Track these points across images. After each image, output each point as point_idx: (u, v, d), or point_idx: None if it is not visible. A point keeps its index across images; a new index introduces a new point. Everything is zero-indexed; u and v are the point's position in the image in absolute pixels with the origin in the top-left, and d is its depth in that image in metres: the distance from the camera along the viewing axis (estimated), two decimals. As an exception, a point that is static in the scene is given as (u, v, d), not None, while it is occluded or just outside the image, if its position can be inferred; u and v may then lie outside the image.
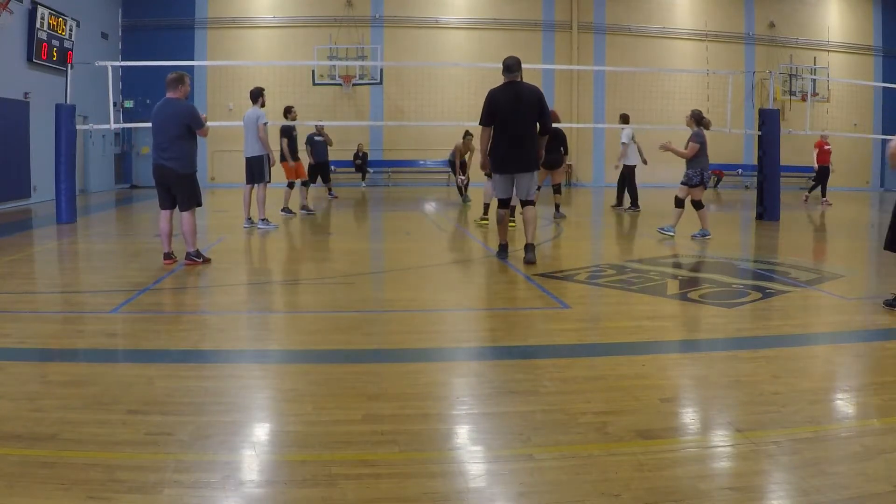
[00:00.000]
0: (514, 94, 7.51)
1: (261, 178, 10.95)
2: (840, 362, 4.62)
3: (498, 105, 7.50)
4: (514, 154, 7.57)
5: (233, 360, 4.49)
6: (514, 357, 4.64)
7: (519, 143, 7.52)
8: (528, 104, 7.49)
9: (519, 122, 7.48)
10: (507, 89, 7.57)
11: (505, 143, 7.55)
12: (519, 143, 7.52)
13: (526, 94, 7.53)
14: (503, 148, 7.57)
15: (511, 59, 7.63)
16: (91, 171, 19.23)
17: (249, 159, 10.92)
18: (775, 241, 10.62)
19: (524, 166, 7.62)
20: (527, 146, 7.55)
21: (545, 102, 7.65)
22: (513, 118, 7.47)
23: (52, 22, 16.44)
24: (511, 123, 7.48)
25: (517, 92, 7.52)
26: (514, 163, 7.63)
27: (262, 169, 10.88)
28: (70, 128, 11.69)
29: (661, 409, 3.61)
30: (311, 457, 3.01)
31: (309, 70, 21.33)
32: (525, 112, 7.48)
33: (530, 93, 7.57)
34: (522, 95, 7.50)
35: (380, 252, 9.81)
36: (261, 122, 10.69)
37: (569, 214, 13.29)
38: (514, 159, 7.60)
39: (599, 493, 2.69)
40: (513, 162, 7.63)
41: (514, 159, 7.60)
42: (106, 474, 2.79)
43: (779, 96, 22.70)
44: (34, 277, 7.70)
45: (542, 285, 6.69)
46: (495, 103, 7.51)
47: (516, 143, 7.52)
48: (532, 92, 7.59)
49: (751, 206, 13.81)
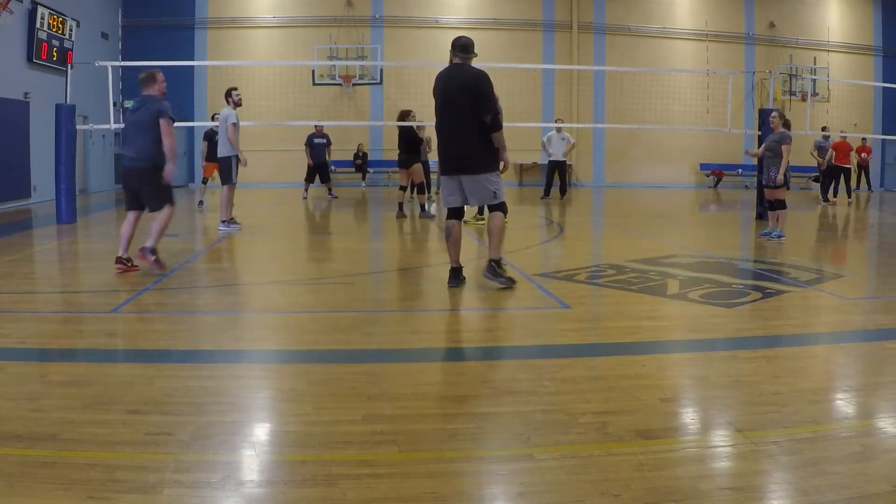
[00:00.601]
0: (449, 79, 6.24)
1: (228, 179, 10.59)
2: (840, 362, 4.62)
3: (435, 91, 6.37)
4: (451, 151, 6.31)
5: (233, 360, 4.49)
6: (514, 357, 4.65)
7: (453, 139, 6.27)
8: (463, 89, 6.12)
9: (451, 112, 6.20)
10: (444, 73, 6.35)
11: (440, 139, 6.35)
12: (452, 138, 6.27)
13: (462, 78, 6.18)
14: (440, 144, 6.38)
15: (465, 37, 6.39)
16: (91, 171, 19.22)
17: (220, 159, 10.64)
18: (775, 241, 10.60)
19: (462, 166, 6.26)
20: (462, 142, 6.21)
21: (486, 90, 6.10)
22: (447, 108, 6.22)
23: (52, 22, 16.43)
24: (444, 114, 6.26)
25: (453, 77, 6.22)
26: (451, 162, 6.34)
27: (230, 170, 10.52)
28: (70, 128, 11.69)
29: (661, 409, 3.61)
30: (311, 457, 3.01)
31: (309, 70, 21.33)
32: (457, 100, 6.14)
33: (468, 77, 6.16)
34: (458, 81, 6.17)
35: (380, 252, 9.81)
36: (229, 122, 10.37)
37: (569, 214, 13.29)
38: (450, 158, 6.33)
39: (599, 493, 2.69)
40: (450, 161, 6.34)
41: (451, 158, 6.32)
42: (106, 474, 2.79)
43: (779, 96, 22.68)
44: (34, 277, 7.71)
45: (542, 285, 6.68)
46: (434, 88, 6.38)
47: (450, 139, 6.28)
48: (471, 76, 6.16)
49: (751, 206, 13.82)
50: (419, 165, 12.65)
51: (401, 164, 12.72)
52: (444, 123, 6.29)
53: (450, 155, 6.31)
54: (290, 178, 20.14)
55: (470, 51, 6.30)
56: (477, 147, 6.19)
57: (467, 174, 6.27)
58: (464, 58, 6.29)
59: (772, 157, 9.79)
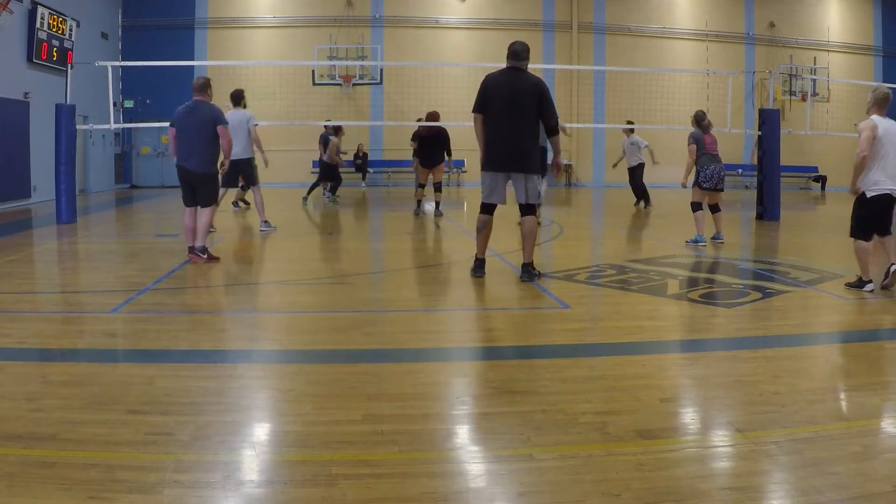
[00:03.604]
0: (510, 82, 6.66)
1: (255, 180, 10.86)
2: (840, 362, 4.62)
3: (489, 92, 6.68)
4: (505, 150, 6.66)
5: (233, 360, 4.49)
6: (514, 357, 4.65)
7: (511, 139, 6.62)
8: (527, 94, 6.57)
9: (514, 113, 6.57)
10: (503, 76, 6.74)
11: (495, 138, 6.67)
12: (511, 138, 6.62)
13: (525, 84, 6.63)
14: (492, 143, 6.68)
15: (519, 43, 6.77)
16: (91, 171, 19.21)
17: (239, 161, 10.33)
18: (775, 241, 10.62)
19: (517, 165, 6.66)
20: (521, 142, 6.61)
21: (549, 97, 6.69)
22: (509, 108, 6.58)
23: (52, 22, 16.43)
24: (505, 114, 6.59)
25: (515, 81, 6.66)
26: (506, 160, 6.68)
27: (254, 170, 10.78)
28: (70, 128, 11.68)
29: (661, 409, 3.61)
30: (311, 457, 3.01)
31: (309, 70, 21.32)
32: (521, 102, 6.57)
33: (531, 84, 6.64)
34: (520, 85, 6.62)
35: (380, 252, 9.81)
36: (251, 124, 10.53)
37: (569, 214, 13.29)
38: (506, 156, 6.67)
39: (599, 493, 2.69)
40: (506, 159, 6.68)
41: (508, 156, 6.67)
42: (106, 474, 2.79)
43: (779, 96, 22.68)
44: (34, 277, 7.71)
45: (542, 285, 6.68)
46: (487, 89, 6.71)
47: (508, 139, 6.63)
48: (533, 83, 6.65)
49: (751, 206, 13.82)
50: (442, 165, 12.90)
51: (427, 164, 12.77)
52: (502, 123, 6.62)
53: (506, 153, 6.63)
54: (291, 179, 20.15)
55: (521, 57, 6.70)
56: (534, 148, 6.68)
57: (522, 172, 6.66)
58: (517, 63, 6.69)
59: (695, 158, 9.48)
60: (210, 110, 7.73)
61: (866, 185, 6.29)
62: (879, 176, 6.24)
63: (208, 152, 7.75)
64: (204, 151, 7.70)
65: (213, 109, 7.75)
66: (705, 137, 9.48)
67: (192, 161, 7.69)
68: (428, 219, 12.64)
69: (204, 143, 7.68)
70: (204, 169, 7.75)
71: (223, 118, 7.81)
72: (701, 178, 9.45)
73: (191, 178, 7.78)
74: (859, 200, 6.39)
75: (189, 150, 7.67)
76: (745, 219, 13.58)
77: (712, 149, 9.47)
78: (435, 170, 12.83)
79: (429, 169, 12.87)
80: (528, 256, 6.80)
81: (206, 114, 7.69)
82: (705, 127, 9.56)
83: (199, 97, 7.78)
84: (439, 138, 12.64)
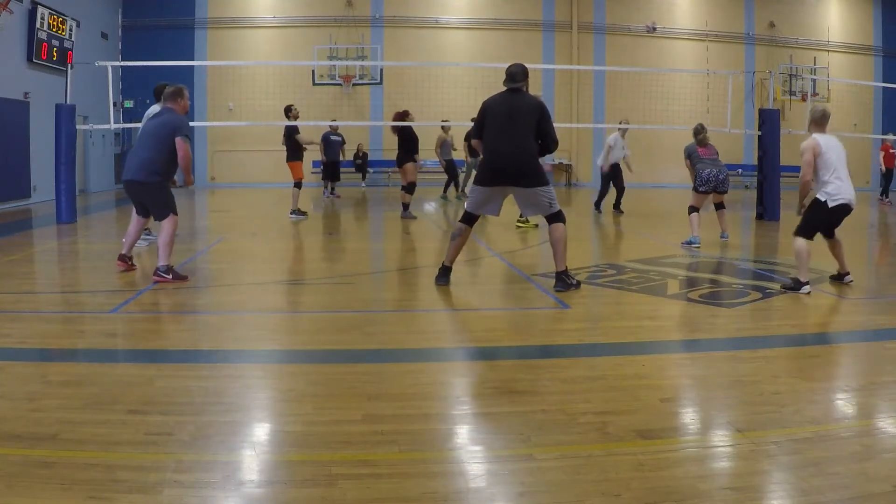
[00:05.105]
0: (508, 100, 6.62)
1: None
2: (840, 362, 4.62)
3: (487, 113, 6.66)
4: (507, 167, 6.55)
5: (233, 360, 4.49)
6: (514, 357, 4.65)
7: (511, 155, 6.52)
8: (527, 113, 6.52)
9: (513, 131, 6.53)
10: (501, 96, 6.71)
11: (492, 153, 6.61)
12: (508, 153, 6.52)
13: (524, 103, 6.60)
14: (489, 161, 6.62)
15: (515, 65, 6.76)
16: (91, 171, 19.21)
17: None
18: (775, 241, 10.62)
19: (515, 181, 6.54)
20: (519, 157, 6.51)
21: (548, 117, 6.64)
22: (508, 127, 6.54)
23: (52, 22, 16.43)
24: (504, 132, 6.53)
25: (513, 100, 6.62)
26: (505, 175, 6.57)
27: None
28: (70, 128, 11.68)
29: (661, 409, 3.61)
30: (311, 457, 3.02)
31: (309, 70, 21.31)
32: (520, 121, 6.51)
33: (530, 104, 6.62)
34: (519, 103, 6.58)
35: (380, 252, 9.81)
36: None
37: (569, 215, 13.26)
38: (506, 172, 6.56)
39: (599, 493, 2.69)
40: (505, 174, 6.58)
41: (507, 172, 6.56)
42: (106, 474, 2.79)
43: (779, 96, 22.68)
44: (34, 277, 7.71)
45: (542, 285, 6.68)
46: (486, 112, 6.68)
47: (505, 155, 6.53)
48: (533, 103, 6.64)
49: (751, 206, 13.82)
50: (412, 164, 12.63)
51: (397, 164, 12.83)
52: (501, 141, 6.54)
53: (505, 169, 6.54)
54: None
55: (518, 79, 6.66)
56: (534, 163, 6.59)
57: (524, 187, 6.56)
58: (514, 85, 6.66)
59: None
60: (171, 119, 6.86)
61: (828, 195, 6.34)
62: (837, 186, 6.30)
63: (155, 161, 6.76)
64: (148, 159, 6.76)
65: (174, 119, 6.86)
66: (699, 150, 9.70)
67: (132, 169, 6.84)
68: (427, 219, 12.62)
69: (151, 150, 6.78)
70: (145, 178, 6.77)
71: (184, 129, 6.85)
72: (698, 182, 9.62)
73: (131, 190, 6.95)
74: (819, 206, 6.42)
75: (132, 157, 6.94)
76: (745, 219, 13.57)
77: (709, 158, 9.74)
78: (401, 170, 12.63)
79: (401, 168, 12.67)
80: (561, 264, 6.51)
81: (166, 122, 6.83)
82: (700, 141, 9.78)
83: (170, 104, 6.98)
84: (401, 138, 12.50)
